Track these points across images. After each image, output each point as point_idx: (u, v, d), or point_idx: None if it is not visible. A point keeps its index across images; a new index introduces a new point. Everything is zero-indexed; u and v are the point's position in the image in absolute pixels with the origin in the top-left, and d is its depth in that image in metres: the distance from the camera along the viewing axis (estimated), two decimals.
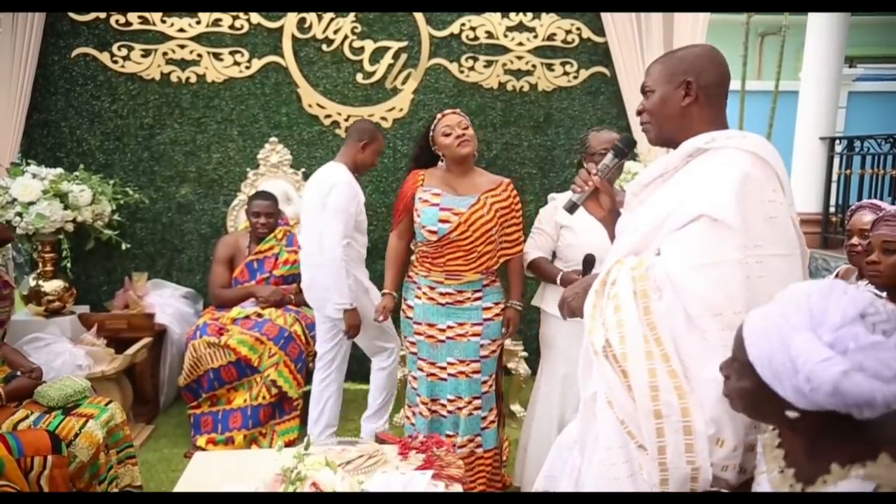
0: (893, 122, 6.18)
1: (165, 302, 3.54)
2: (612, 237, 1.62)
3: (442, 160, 2.52)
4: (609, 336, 1.31)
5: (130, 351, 3.12)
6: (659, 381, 1.24)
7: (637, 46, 3.67)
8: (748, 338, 1.00)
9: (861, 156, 5.50)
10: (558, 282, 2.39)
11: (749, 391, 1.01)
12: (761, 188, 1.28)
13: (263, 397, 3.03)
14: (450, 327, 2.48)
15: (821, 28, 5.27)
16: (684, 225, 1.28)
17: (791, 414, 0.96)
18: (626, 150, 1.66)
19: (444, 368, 2.49)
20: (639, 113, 1.50)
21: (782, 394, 0.95)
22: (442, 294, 2.47)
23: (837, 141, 5.76)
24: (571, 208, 1.68)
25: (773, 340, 0.95)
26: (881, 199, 4.91)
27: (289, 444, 2.80)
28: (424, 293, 2.50)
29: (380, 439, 2.16)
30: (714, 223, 1.25)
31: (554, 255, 2.56)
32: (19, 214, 3.05)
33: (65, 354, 2.89)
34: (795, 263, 1.31)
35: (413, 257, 2.63)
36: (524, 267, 2.55)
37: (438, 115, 2.49)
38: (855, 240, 2.23)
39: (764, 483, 1.12)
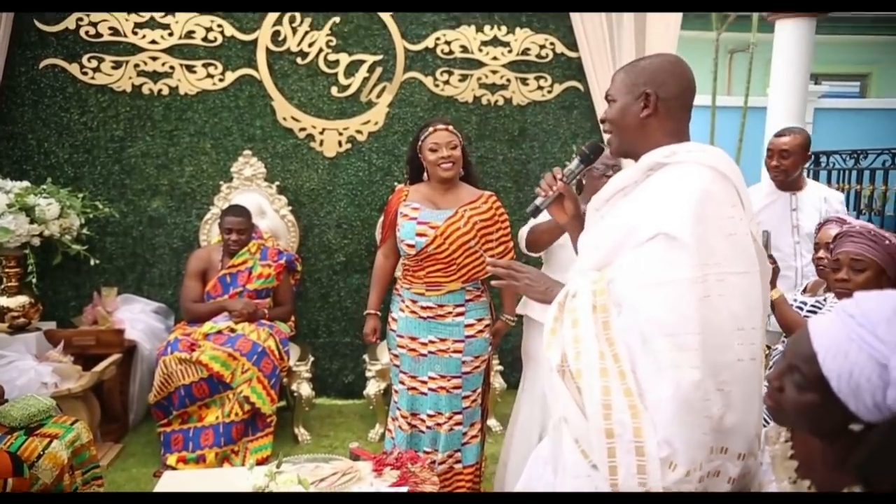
0: (857, 138, 6.33)
1: (136, 317, 3.47)
2: (574, 242, 1.61)
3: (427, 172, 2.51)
4: (566, 351, 1.29)
5: (99, 368, 3.04)
6: (613, 399, 1.21)
7: (609, 61, 3.72)
8: (821, 352, 0.95)
9: (827, 171, 5.63)
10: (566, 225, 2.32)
11: (813, 405, 0.97)
12: (721, 204, 1.25)
13: (236, 414, 2.98)
14: (431, 342, 2.46)
15: (788, 45, 5.39)
16: (643, 243, 1.26)
17: (855, 427, 0.94)
18: (592, 156, 1.66)
19: (425, 383, 2.48)
20: (602, 122, 1.48)
21: (854, 408, 0.92)
22: (423, 308, 2.46)
23: None
24: (535, 212, 1.68)
25: (858, 356, 0.91)
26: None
27: (262, 462, 2.75)
28: (407, 306, 2.49)
29: (354, 455, 2.13)
30: (670, 241, 1.22)
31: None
32: None
33: (29, 372, 2.81)
34: (754, 281, 1.27)
35: (399, 272, 2.61)
36: (525, 250, 2.49)
37: (430, 128, 2.44)
38: (822, 253, 2.28)
39: None
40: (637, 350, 1.23)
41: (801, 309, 2.27)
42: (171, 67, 3.61)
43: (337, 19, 3.69)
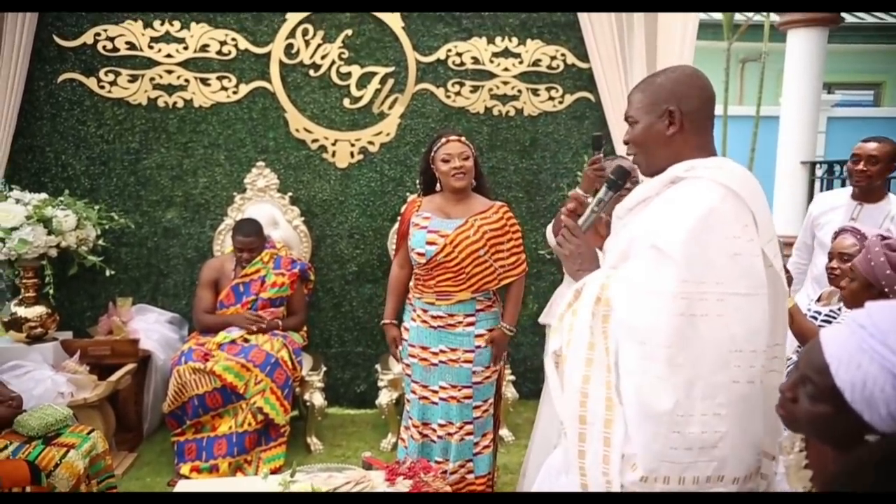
0: None
1: (150, 327, 3.49)
2: None
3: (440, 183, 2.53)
4: (562, 339, 1.34)
5: (114, 377, 3.07)
6: (591, 388, 1.26)
7: (620, 71, 3.73)
8: (833, 363, 0.95)
9: (841, 179, 5.58)
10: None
11: (827, 416, 0.97)
12: (727, 224, 1.24)
13: (249, 424, 2.99)
14: (442, 351, 2.47)
15: (800, 54, 5.38)
16: (640, 251, 1.29)
17: (871, 437, 0.93)
18: (620, 182, 1.61)
19: (436, 392, 2.49)
20: (626, 143, 1.47)
21: (869, 419, 0.92)
22: (434, 317, 2.47)
23: (818, 165, 5.86)
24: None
25: (870, 367, 0.91)
26: None
27: (275, 472, 2.76)
28: (419, 315, 2.51)
29: (367, 464, 2.13)
30: (660, 254, 1.24)
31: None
32: (1, 240, 3.01)
33: (46, 382, 2.83)
34: (759, 303, 1.24)
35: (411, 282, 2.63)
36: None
37: (443, 139, 2.46)
38: (834, 263, 2.27)
39: None
40: (617, 349, 1.28)
41: (816, 318, 2.25)
42: (186, 80, 3.66)
43: (349, 32, 3.73)
